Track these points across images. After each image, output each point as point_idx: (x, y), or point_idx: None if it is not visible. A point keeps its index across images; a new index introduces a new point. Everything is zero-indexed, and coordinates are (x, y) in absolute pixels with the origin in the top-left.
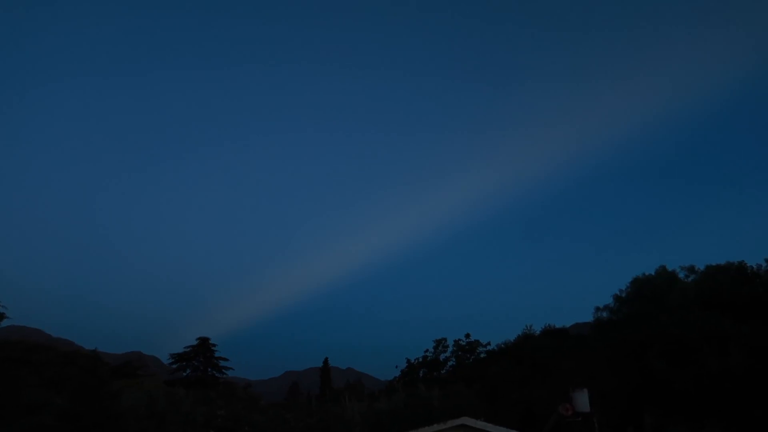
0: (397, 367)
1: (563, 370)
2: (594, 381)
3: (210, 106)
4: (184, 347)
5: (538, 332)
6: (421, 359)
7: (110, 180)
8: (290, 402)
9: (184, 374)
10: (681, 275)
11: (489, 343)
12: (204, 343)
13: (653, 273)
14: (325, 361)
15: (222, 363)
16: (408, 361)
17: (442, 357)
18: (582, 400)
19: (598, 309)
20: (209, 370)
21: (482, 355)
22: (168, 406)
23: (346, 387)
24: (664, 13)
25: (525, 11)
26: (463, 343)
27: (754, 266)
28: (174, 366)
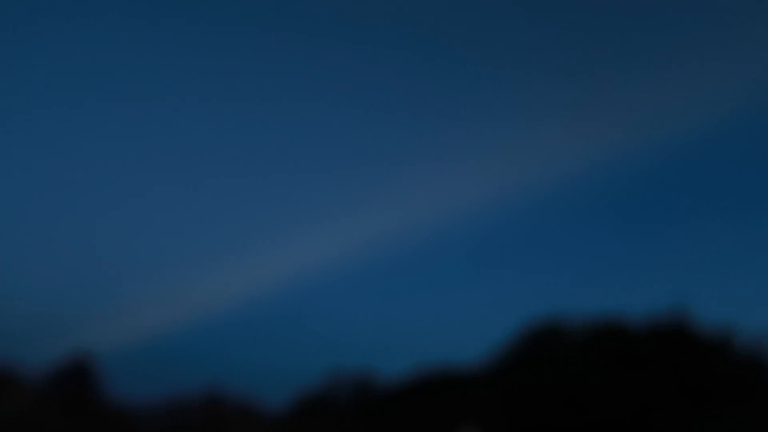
0: (291, 398)
1: (454, 409)
2: (484, 422)
3: None
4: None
5: (435, 370)
6: (317, 391)
7: None
8: (173, 430)
9: (56, 393)
10: (569, 325)
11: (387, 379)
12: (83, 362)
13: (544, 322)
14: (215, 388)
15: (101, 385)
16: (301, 391)
17: (336, 389)
18: None
19: (490, 351)
20: (86, 392)
21: (380, 390)
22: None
23: (235, 416)
24: (614, 56)
25: (467, 49)
26: (362, 377)
27: (634, 321)
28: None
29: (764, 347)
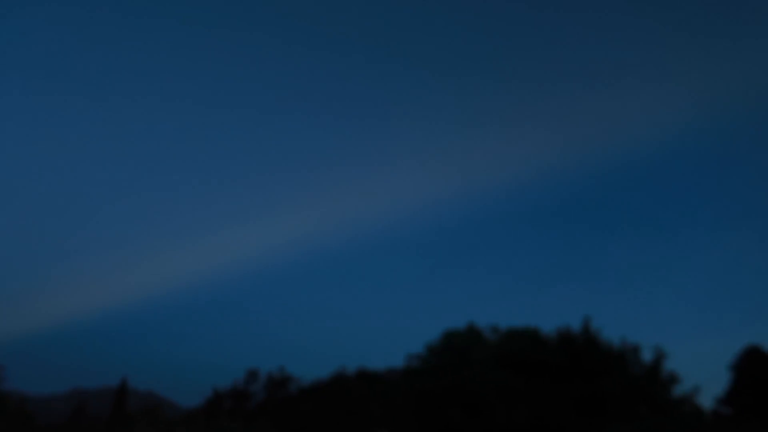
0: (202, 394)
1: (370, 412)
2: (397, 425)
3: None
4: None
5: (352, 373)
6: (229, 389)
7: None
8: (72, 424)
9: None
10: (486, 333)
11: (302, 379)
12: None
13: (463, 328)
14: (123, 381)
15: None
16: (214, 389)
17: (252, 389)
18: None
19: (410, 356)
20: None
21: (294, 391)
22: None
23: (142, 413)
24: (563, 69)
25: (414, 53)
26: (276, 377)
27: (547, 332)
28: None
29: (662, 361)
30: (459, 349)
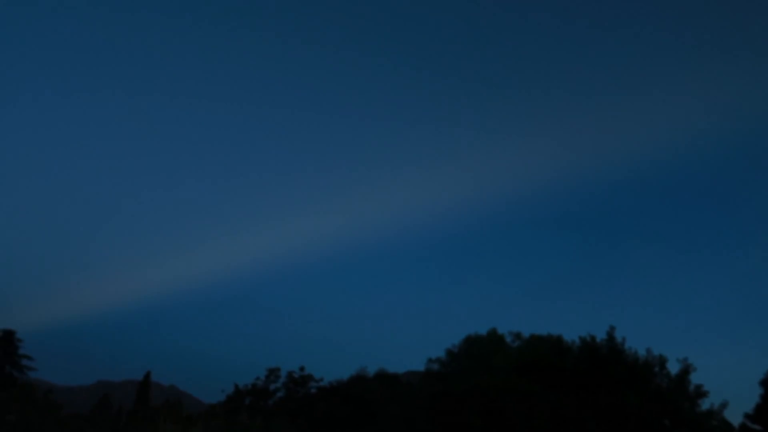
0: (223, 391)
1: (389, 414)
2: (416, 428)
3: None
4: None
5: (371, 374)
6: (249, 386)
7: None
8: (96, 416)
9: None
10: (508, 339)
11: (322, 379)
12: (7, 337)
13: (485, 333)
14: (146, 375)
15: (24, 362)
16: (236, 386)
17: (272, 387)
18: None
19: (430, 360)
20: (7, 367)
21: (313, 391)
22: None
23: (163, 406)
24: (576, 80)
25: (435, 60)
26: (296, 376)
27: (570, 341)
28: None
29: (689, 374)
30: (480, 355)
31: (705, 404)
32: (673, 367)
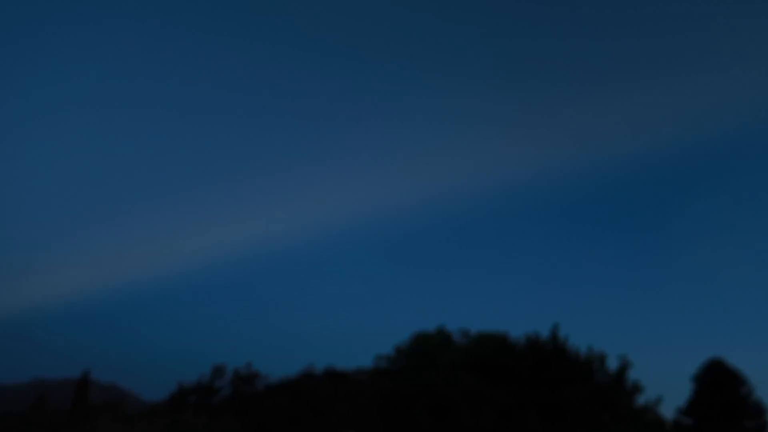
0: (167, 389)
1: (336, 412)
2: (363, 426)
3: None
4: None
5: (320, 371)
6: (194, 384)
7: None
8: (33, 415)
9: None
10: (456, 337)
11: (269, 376)
12: None
13: (434, 331)
14: (85, 373)
15: None
16: (179, 384)
17: (218, 384)
18: None
19: (379, 357)
20: None
21: (260, 388)
22: None
23: (103, 405)
24: (560, 68)
25: (406, 53)
26: (243, 373)
27: (516, 339)
28: None
29: (627, 370)
30: (428, 352)
31: (641, 399)
32: (614, 364)
